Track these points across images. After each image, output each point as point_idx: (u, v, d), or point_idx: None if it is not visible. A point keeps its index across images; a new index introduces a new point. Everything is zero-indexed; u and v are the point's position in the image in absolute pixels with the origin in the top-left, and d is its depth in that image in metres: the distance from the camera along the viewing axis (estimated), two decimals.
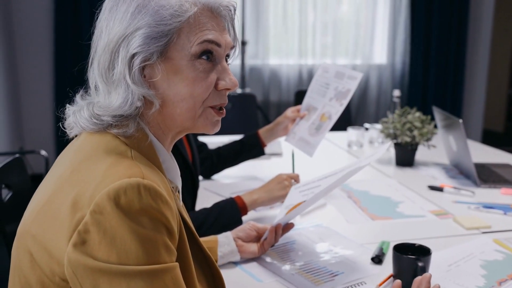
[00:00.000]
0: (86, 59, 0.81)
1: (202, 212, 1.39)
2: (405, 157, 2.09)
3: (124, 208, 0.66)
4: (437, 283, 1.02)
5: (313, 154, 1.68)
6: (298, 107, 1.82)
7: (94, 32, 0.80)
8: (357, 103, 4.57)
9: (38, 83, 3.95)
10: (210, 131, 0.83)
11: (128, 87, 0.75)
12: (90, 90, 0.80)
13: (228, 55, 0.84)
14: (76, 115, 0.79)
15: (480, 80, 4.87)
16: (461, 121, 1.80)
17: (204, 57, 0.78)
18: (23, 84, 3.92)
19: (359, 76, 1.64)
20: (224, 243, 1.21)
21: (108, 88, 0.77)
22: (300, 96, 2.69)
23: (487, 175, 1.92)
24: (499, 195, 1.76)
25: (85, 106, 0.78)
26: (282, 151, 2.30)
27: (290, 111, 1.81)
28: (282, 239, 1.34)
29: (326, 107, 1.70)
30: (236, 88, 0.83)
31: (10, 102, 3.68)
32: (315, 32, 4.38)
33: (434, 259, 1.16)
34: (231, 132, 2.65)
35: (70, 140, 0.82)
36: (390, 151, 2.21)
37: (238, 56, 0.89)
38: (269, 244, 1.26)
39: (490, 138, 5.05)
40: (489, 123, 5.55)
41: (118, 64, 0.75)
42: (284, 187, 1.48)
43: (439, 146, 2.15)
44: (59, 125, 0.82)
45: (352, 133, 2.41)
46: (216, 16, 0.79)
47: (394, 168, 2.09)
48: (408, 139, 2.00)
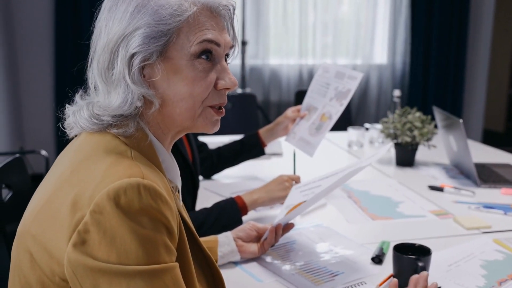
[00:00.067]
0: (87, 59, 0.81)
1: (202, 212, 1.39)
2: (405, 157, 2.09)
3: (124, 208, 0.66)
4: (434, 282, 1.02)
5: (313, 154, 1.67)
6: (298, 107, 1.82)
7: (93, 31, 0.80)
8: (357, 103, 4.57)
9: (38, 83, 3.95)
10: (210, 131, 0.83)
11: (127, 86, 0.75)
12: (90, 90, 0.80)
13: (227, 55, 0.84)
14: (75, 115, 0.79)
15: (480, 80, 4.86)
16: (461, 121, 1.80)
17: (203, 56, 0.78)
18: (23, 84, 3.92)
19: (359, 76, 1.64)
20: (224, 243, 1.21)
21: (108, 88, 0.77)
22: (300, 96, 2.69)
23: (487, 175, 1.92)
24: (500, 195, 1.76)
25: (84, 106, 0.78)
26: (283, 151, 2.30)
27: (290, 111, 1.81)
28: (282, 239, 1.34)
29: (326, 107, 1.70)
30: (236, 87, 0.83)
31: (10, 102, 3.68)
32: (316, 32, 4.38)
33: (434, 259, 1.16)
34: (232, 132, 2.65)
35: (70, 140, 0.82)
36: (391, 151, 2.21)
37: (238, 56, 0.89)
38: (269, 244, 1.26)
39: (490, 138, 5.05)
40: (489, 123, 5.55)
41: (118, 64, 0.75)
42: (285, 188, 1.48)
43: (440, 146, 2.15)
44: (59, 125, 0.82)
45: (352, 133, 2.41)
46: (215, 16, 0.79)
47: (395, 168, 2.08)
48: (408, 139, 2.00)
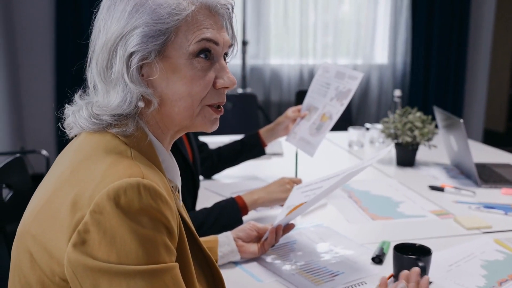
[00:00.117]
0: (86, 59, 0.81)
1: (203, 212, 1.39)
2: (406, 157, 2.09)
3: (124, 208, 0.66)
4: (426, 276, 1.02)
5: (313, 154, 1.67)
6: (298, 107, 1.82)
7: (92, 31, 0.80)
8: (358, 103, 4.56)
9: (39, 83, 3.95)
10: (209, 129, 0.83)
11: (126, 86, 0.75)
12: (89, 89, 0.80)
13: (226, 54, 0.84)
14: (75, 115, 0.79)
15: (481, 80, 4.86)
16: (462, 121, 1.80)
17: (202, 55, 0.78)
18: (24, 84, 3.93)
19: (359, 76, 1.64)
20: (224, 243, 1.21)
21: (107, 87, 0.77)
22: (301, 96, 2.70)
23: (488, 175, 1.92)
24: (500, 195, 1.76)
25: (84, 106, 0.78)
26: (283, 151, 2.30)
27: (290, 111, 1.81)
28: (283, 239, 1.33)
29: (326, 107, 1.69)
30: (235, 86, 0.82)
31: (11, 102, 3.69)
32: (316, 32, 4.37)
33: (435, 259, 1.16)
34: (232, 132, 2.65)
35: (70, 140, 0.82)
36: (391, 151, 2.21)
37: (239, 56, 0.88)
38: (269, 245, 1.26)
39: (491, 138, 5.04)
40: (490, 123, 5.54)
41: (116, 63, 0.75)
42: (286, 190, 1.47)
43: (440, 146, 2.15)
44: (59, 125, 0.82)
45: (353, 133, 2.41)
46: (213, 15, 0.79)
47: (395, 168, 2.08)
48: (409, 139, 2.00)
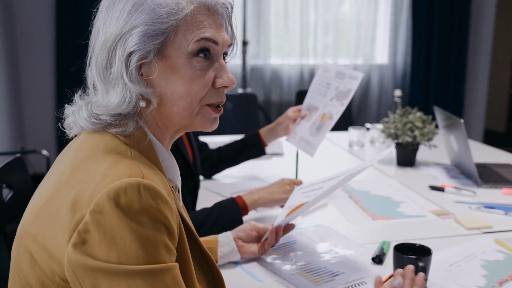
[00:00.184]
0: (85, 59, 0.81)
1: (203, 212, 1.39)
2: (406, 157, 2.09)
3: (124, 208, 0.66)
4: (421, 272, 1.02)
5: (314, 154, 1.67)
6: (299, 107, 1.82)
7: (92, 31, 0.80)
8: (358, 103, 4.56)
9: (39, 83, 3.95)
10: (208, 129, 0.83)
11: (125, 85, 0.75)
12: (89, 89, 0.80)
13: (226, 53, 0.84)
14: (75, 115, 0.79)
15: (481, 80, 4.86)
16: (462, 121, 1.80)
17: (201, 55, 0.78)
18: (24, 83, 3.93)
19: (360, 76, 1.64)
20: (224, 243, 1.21)
21: (106, 87, 0.77)
22: (301, 96, 2.69)
23: (488, 175, 1.92)
24: (500, 195, 1.76)
25: (83, 106, 0.78)
26: (283, 151, 2.30)
27: (291, 111, 1.81)
28: (283, 239, 1.33)
29: (327, 107, 1.69)
30: (234, 85, 0.82)
31: (11, 102, 3.69)
32: (317, 32, 4.37)
33: (435, 259, 1.16)
34: (232, 132, 2.65)
35: (70, 140, 0.82)
36: (391, 151, 2.21)
37: (239, 56, 0.88)
38: (269, 245, 1.26)
39: (491, 138, 5.04)
40: (490, 123, 5.54)
41: (115, 63, 0.75)
42: (286, 191, 1.47)
43: (440, 146, 2.15)
44: (60, 125, 0.82)
45: (353, 133, 2.41)
46: (213, 14, 0.79)
47: (395, 168, 2.08)
48: (409, 139, 2.00)
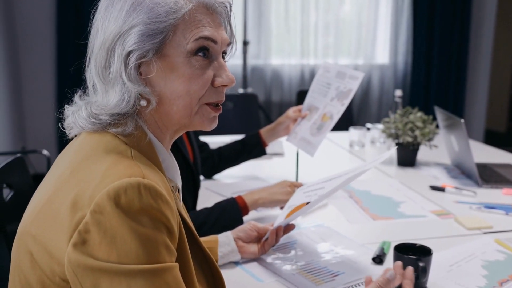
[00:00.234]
0: (84, 59, 0.81)
1: (203, 212, 1.39)
2: (406, 157, 2.09)
3: (124, 208, 0.66)
4: (409, 266, 1.02)
5: (314, 154, 1.67)
6: (299, 107, 1.82)
7: (91, 31, 0.80)
8: (359, 103, 4.56)
9: (40, 83, 3.95)
10: (207, 128, 0.83)
11: (124, 85, 0.75)
12: (89, 89, 0.80)
13: (225, 52, 0.84)
14: (75, 115, 0.79)
15: (482, 80, 4.85)
16: (463, 121, 1.79)
17: (200, 54, 0.78)
18: (25, 83, 3.93)
19: (360, 76, 1.64)
20: (224, 243, 1.21)
21: (105, 87, 0.77)
22: (302, 96, 2.69)
23: (488, 175, 1.92)
24: (501, 195, 1.76)
25: (83, 106, 0.78)
26: (284, 151, 2.30)
27: (291, 111, 1.81)
28: (283, 239, 1.33)
29: (327, 107, 1.69)
30: (233, 84, 0.82)
31: (12, 102, 3.69)
32: (317, 32, 4.37)
33: (435, 259, 1.16)
34: (233, 132, 2.65)
35: (70, 140, 0.82)
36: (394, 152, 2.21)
37: (240, 56, 0.88)
38: (269, 245, 1.26)
39: (492, 138, 5.04)
40: (491, 123, 5.54)
41: (114, 62, 0.75)
42: (287, 193, 1.47)
43: (441, 146, 2.15)
44: (60, 125, 0.82)
45: (354, 133, 2.41)
46: (211, 13, 0.79)
47: (396, 168, 2.08)
48: (409, 139, 2.00)
